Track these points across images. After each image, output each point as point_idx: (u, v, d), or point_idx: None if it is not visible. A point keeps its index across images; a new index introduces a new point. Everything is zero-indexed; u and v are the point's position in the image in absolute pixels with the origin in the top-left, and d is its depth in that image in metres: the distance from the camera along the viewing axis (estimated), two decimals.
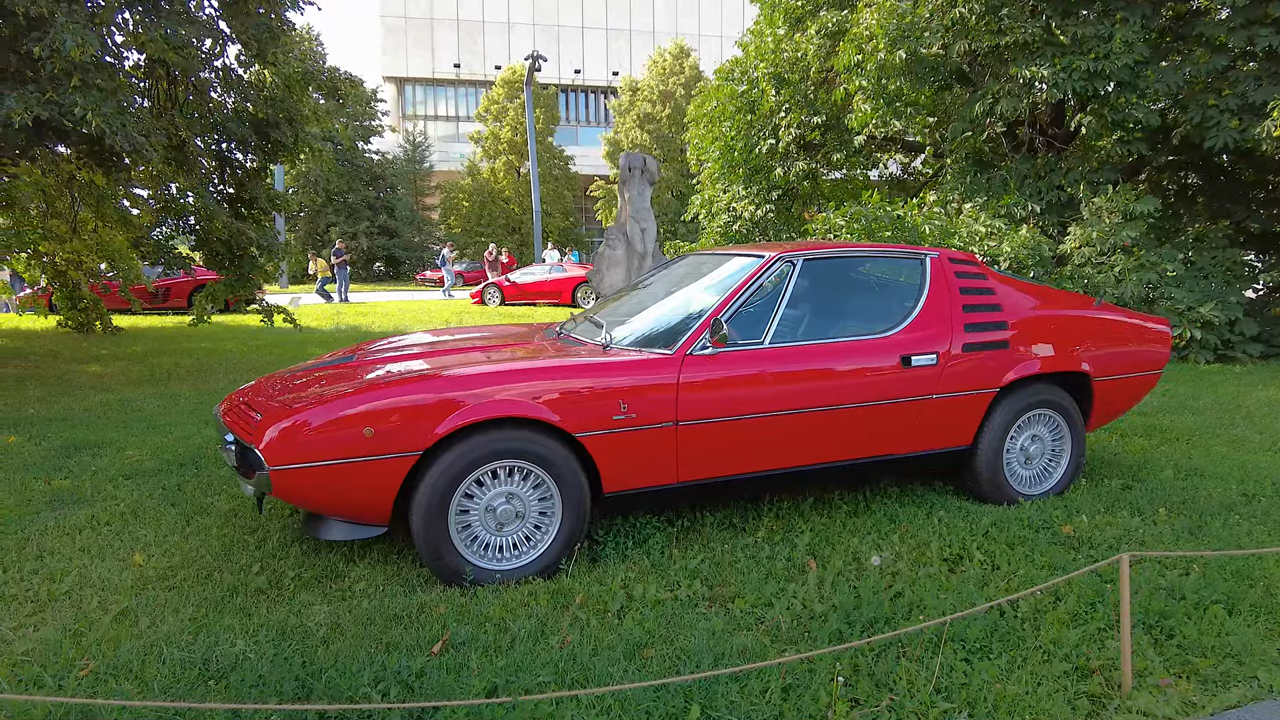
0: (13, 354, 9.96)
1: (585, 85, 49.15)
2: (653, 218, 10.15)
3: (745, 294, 3.39)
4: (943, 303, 3.63)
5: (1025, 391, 3.75)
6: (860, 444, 3.47)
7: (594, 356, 3.21)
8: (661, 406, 3.12)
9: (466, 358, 3.40)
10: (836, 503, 3.82)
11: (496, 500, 3.01)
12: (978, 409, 3.64)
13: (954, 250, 3.90)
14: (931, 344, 3.53)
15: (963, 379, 3.57)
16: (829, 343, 3.42)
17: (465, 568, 2.96)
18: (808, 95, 12.65)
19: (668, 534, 3.45)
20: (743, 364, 3.25)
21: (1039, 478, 3.91)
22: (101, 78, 5.16)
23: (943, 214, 9.84)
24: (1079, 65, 8.42)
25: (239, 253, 9.35)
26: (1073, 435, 3.89)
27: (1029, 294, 3.89)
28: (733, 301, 3.35)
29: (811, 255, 3.61)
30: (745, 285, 3.40)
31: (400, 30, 47.51)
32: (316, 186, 34.72)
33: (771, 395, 3.27)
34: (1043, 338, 3.75)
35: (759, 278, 3.45)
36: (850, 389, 3.38)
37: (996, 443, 3.72)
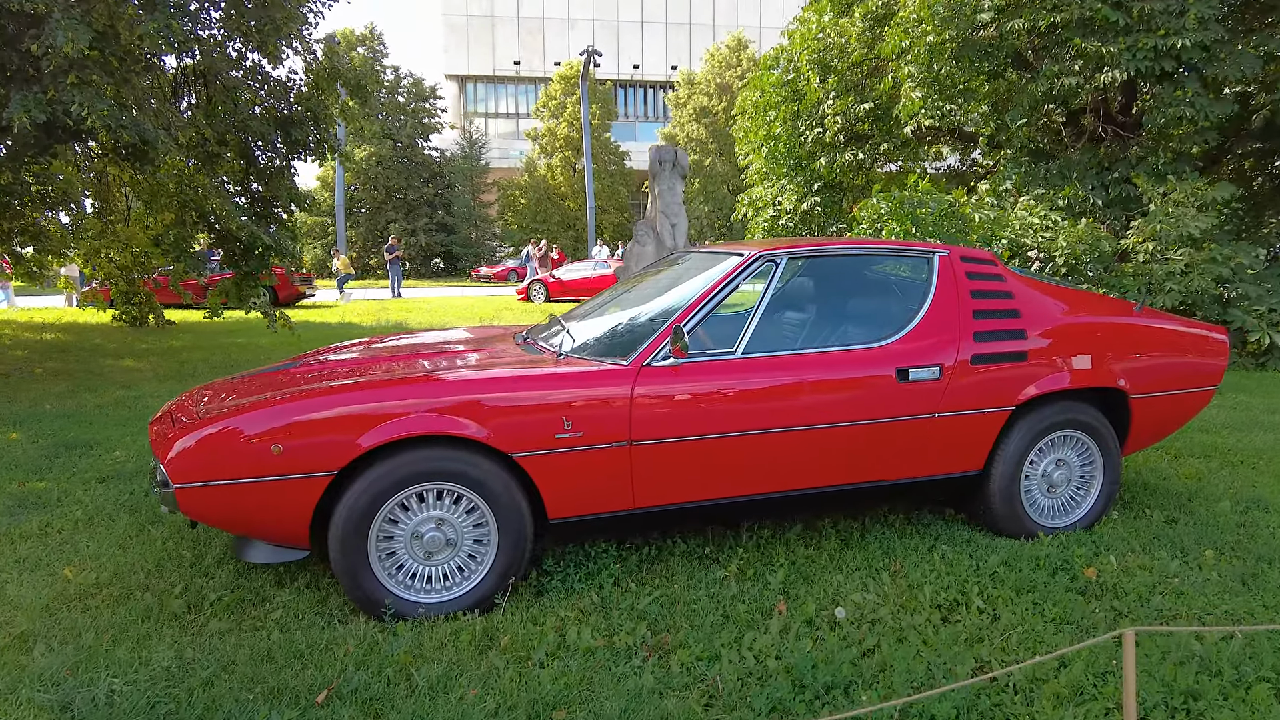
0: (58, 349, 10.22)
1: (644, 80, 48.84)
2: (684, 213, 9.77)
3: (716, 298, 3.01)
4: (950, 308, 3.18)
5: (1048, 410, 3.26)
6: (848, 468, 3.06)
7: (536, 367, 2.89)
8: (612, 424, 2.77)
9: (410, 366, 3.13)
10: (827, 531, 3.40)
11: (424, 526, 2.72)
12: (990, 429, 3.18)
13: (968, 248, 3.43)
14: (934, 355, 3.08)
15: (971, 395, 3.12)
16: (812, 353, 3.01)
17: (385, 599, 2.68)
18: (855, 83, 12.05)
19: (628, 565, 3.10)
20: (709, 377, 2.88)
21: (1064, 508, 3.41)
22: (98, 73, 5.10)
23: (995, 205, 9.17)
24: (1145, 44, 7.68)
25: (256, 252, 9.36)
26: (1105, 460, 3.39)
27: (1056, 298, 3.39)
28: (700, 306, 2.97)
29: (797, 253, 3.21)
30: (716, 288, 3.02)
31: (462, 28, 48.07)
32: (376, 184, 35.34)
33: (742, 412, 2.89)
34: (1070, 348, 3.26)
35: (734, 279, 3.06)
36: (834, 406, 2.97)
37: (1012, 468, 3.25)
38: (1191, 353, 3.50)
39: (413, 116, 36.42)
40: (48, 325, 12.89)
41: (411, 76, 36.74)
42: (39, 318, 14.10)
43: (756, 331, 3.01)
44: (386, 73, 36.32)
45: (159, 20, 5.11)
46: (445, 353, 3.34)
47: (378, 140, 35.08)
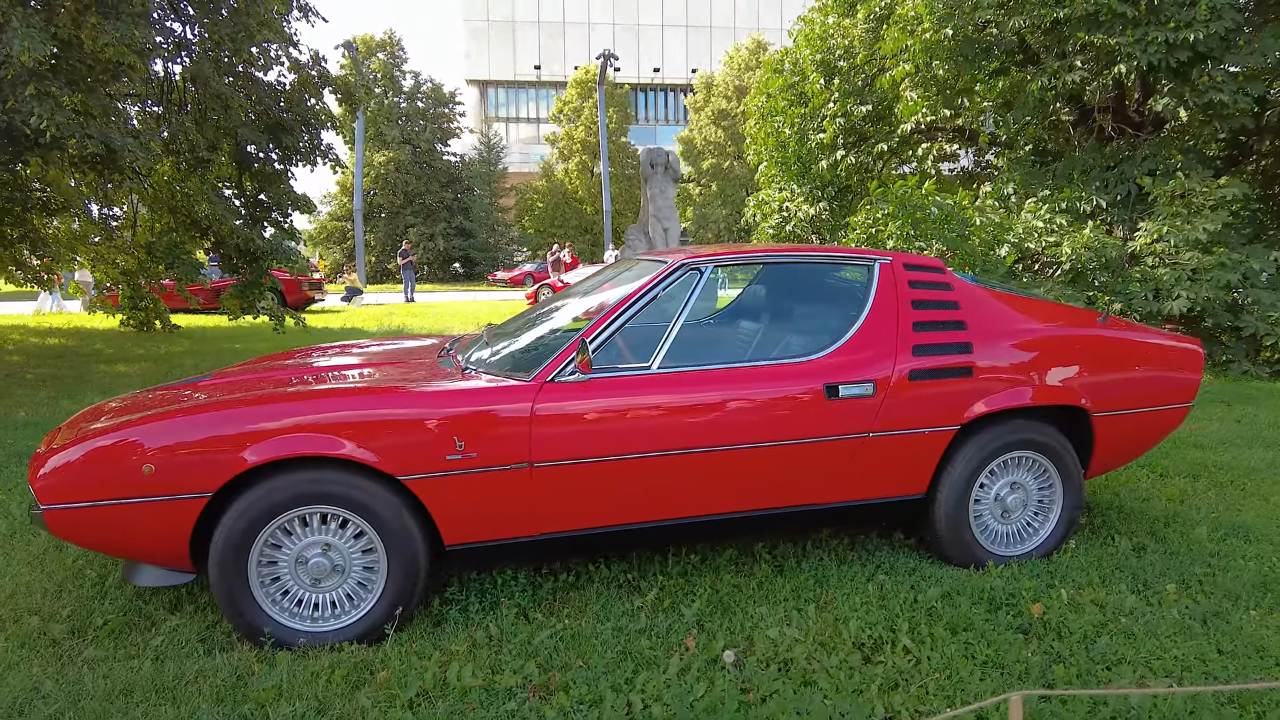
0: (57, 354, 10.28)
1: (664, 84, 48.75)
2: (676, 217, 9.57)
3: (632, 308, 2.81)
4: (888, 319, 2.95)
5: (999, 430, 3.02)
6: (774, 492, 2.85)
7: (428, 382, 2.72)
8: (509, 444, 2.59)
9: (305, 381, 2.98)
10: (761, 556, 3.19)
11: (310, 552, 2.56)
12: (932, 451, 2.95)
13: (914, 255, 3.20)
14: (867, 370, 2.86)
15: (910, 413, 2.89)
16: (734, 367, 2.80)
17: (266, 627, 2.53)
18: (856, 84, 11.76)
19: (539, 593, 2.92)
20: (620, 393, 2.69)
21: (1020, 535, 3.16)
22: (58, 83, 5.05)
23: (997, 207, 8.86)
24: (1155, 37, 7.34)
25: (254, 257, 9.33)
26: (1064, 484, 3.13)
27: (1010, 308, 3.15)
28: (614, 318, 2.78)
29: (725, 260, 3.00)
30: (633, 298, 2.83)
31: (483, 33, 48.33)
32: (395, 189, 35.58)
33: (655, 431, 2.69)
34: (1024, 363, 3.01)
35: (651, 289, 2.86)
36: (756, 425, 2.76)
37: (960, 491, 3.01)
38: (1161, 366, 3.23)
39: (432, 122, 36.63)
40: (56, 330, 13.04)
41: (431, 82, 36.97)
42: (50, 322, 14.28)
43: (675, 345, 2.81)
44: (406, 78, 36.58)
45: (120, 29, 5.04)
46: (356, 365, 3.18)
47: (396, 145, 35.33)
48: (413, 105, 36.55)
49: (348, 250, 35.49)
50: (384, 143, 35.39)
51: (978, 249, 7.85)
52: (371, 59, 35.73)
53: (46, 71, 5.10)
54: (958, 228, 7.95)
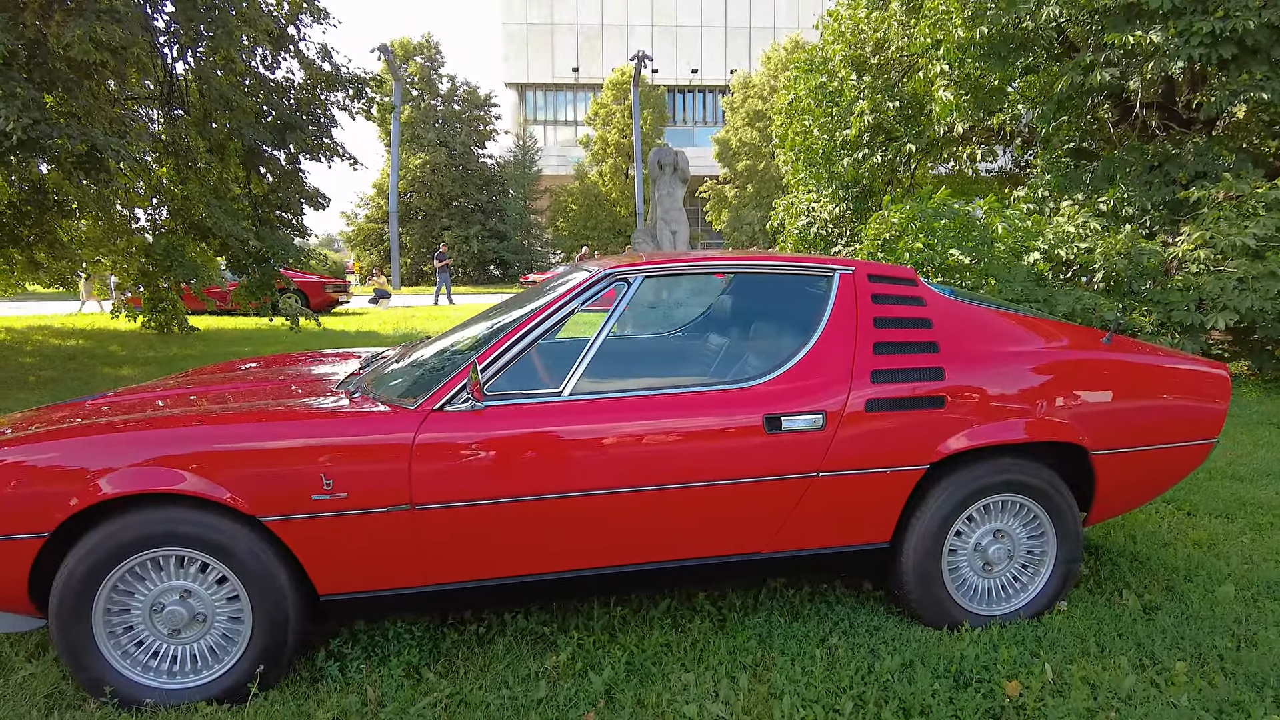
0: (70, 355, 10.30)
1: (702, 85, 48.30)
2: (685, 219, 9.18)
3: (542, 325, 2.45)
4: (843, 340, 2.53)
5: (978, 469, 2.58)
6: (704, 540, 2.45)
7: (300, 410, 2.39)
8: (385, 483, 2.24)
9: (190, 403, 2.67)
10: (703, 608, 2.79)
11: (167, 598, 2.26)
12: (895, 493, 2.52)
13: (882, 264, 2.77)
14: (815, 398, 2.44)
15: (867, 450, 2.47)
16: (660, 394, 2.42)
17: (109, 682, 2.23)
18: (888, 80, 11.23)
19: (440, 648, 2.57)
20: (522, 424, 2.32)
21: (1005, 590, 2.71)
22: (22, 83, 4.89)
23: (1030, 211, 8.27)
24: (1200, 28, 6.72)
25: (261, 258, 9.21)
26: (1058, 533, 2.67)
27: (997, 327, 2.70)
28: (518, 336, 2.42)
29: (658, 271, 2.61)
30: (544, 314, 2.46)
31: (521, 37, 48.46)
32: (431, 191, 35.77)
33: (563, 468, 2.32)
34: (1008, 391, 2.57)
35: (566, 303, 2.49)
36: (683, 462, 2.37)
37: (930, 541, 2.57)
38: (1178, 395, 2.75)
39: (468, 125, 36.75)
40: (79, 331, 13.16)
41: (467, 85, 37.10)
42: (74, 324, 14.45)
43: (594, 367, 2.44)
44: (442, 82, 36.76)
45: (83, 26, 4.88)
46: (249, 385, 2.87)
47: (433, 148, 35.51)
48: (449, 108, 36.73)
49: (384, 252, 35.79)
50: (420, 145, 35.61)
51: (1002, 257, 7.29)
52: (409, 62, 36.00)
53: (15, 72, 4.95)
54: (979, 235, 7.39)
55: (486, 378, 2.36)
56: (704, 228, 43.10)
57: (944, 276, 7.39)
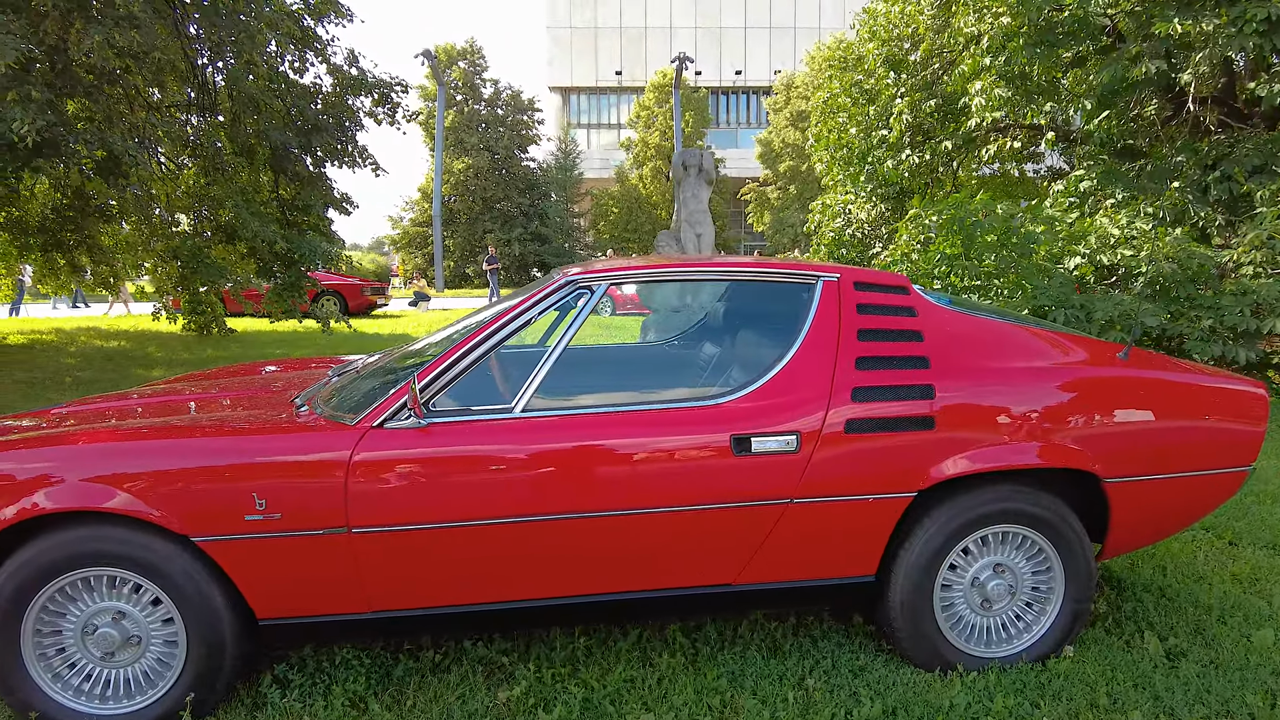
0: (108, 356, 10.54)
1: (746, 86, 47.90)
2: (710, 222, 8.96)
3: (495, 338, 2.29)
4: (823, 353, 2.32)
5: (974, 498, 2.34)
6: (667, 570, 2.27)
7: (239, 424, 2.27)
8: (320, 503, 2.11)
9: (137, 415, 2.59)
10: (676, 639, 2.60)
11: (100, 619, 2.16)
12: (879, 523, 2.30)
13: (872, 271, 2.54)
14: (789, 418, 2.24)
15: (846, 475, 2.25)
16: (620, 411, 2.24)
17: (35, 707, 2.14)
18: (925, 78, 10.86)
19: (392, 676, 2.43)
20: (470, 442, 2.17)
21: (1006, 630, 2.46)
22: (36, 87, 4.96)
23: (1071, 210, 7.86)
24: (1254, 15, 6.28)
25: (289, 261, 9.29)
26: (1066, 569, 2.42)
27: (998, 340, 2.46)
28: (467, 349, 2.26)
29: (624, 278, 2.44)
30: (497, 325, 2.31)
31: (565, 40, 48.69)
32: (474, 195, 36.13)
33: (513, 491, 2.16)
34: (1008, 411, 2.32)
35: (523, 312, 2.33)
36: (642, 486, 2.19)
37: (920, 575, 2.34)
38: (1207, 416, 2.47)
39: (511, 129, 37.02)
40: (122, 333, 13.51)
41: (510, 89, 37.39)
42: (118, 325, 14.85)
43: (550, 382, 2.27)
44: (486, 86, 37.10)
45: (101, 33, 4.92)
46: (208, 397, 2.78)
47: (476, 152, 35.86)
48: (492, 113, 37.06)
49: (428, 255, 36.25)
50: (464, 150, 35.99)
51: (1041, 263, 6.92)
52: (453, 68, 36.42)
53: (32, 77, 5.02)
54: (1020, 243, 7.03)
55: (433, 392, 2.22)
56: (746, 230, 42.72)
57: (980, 281, 7.06)
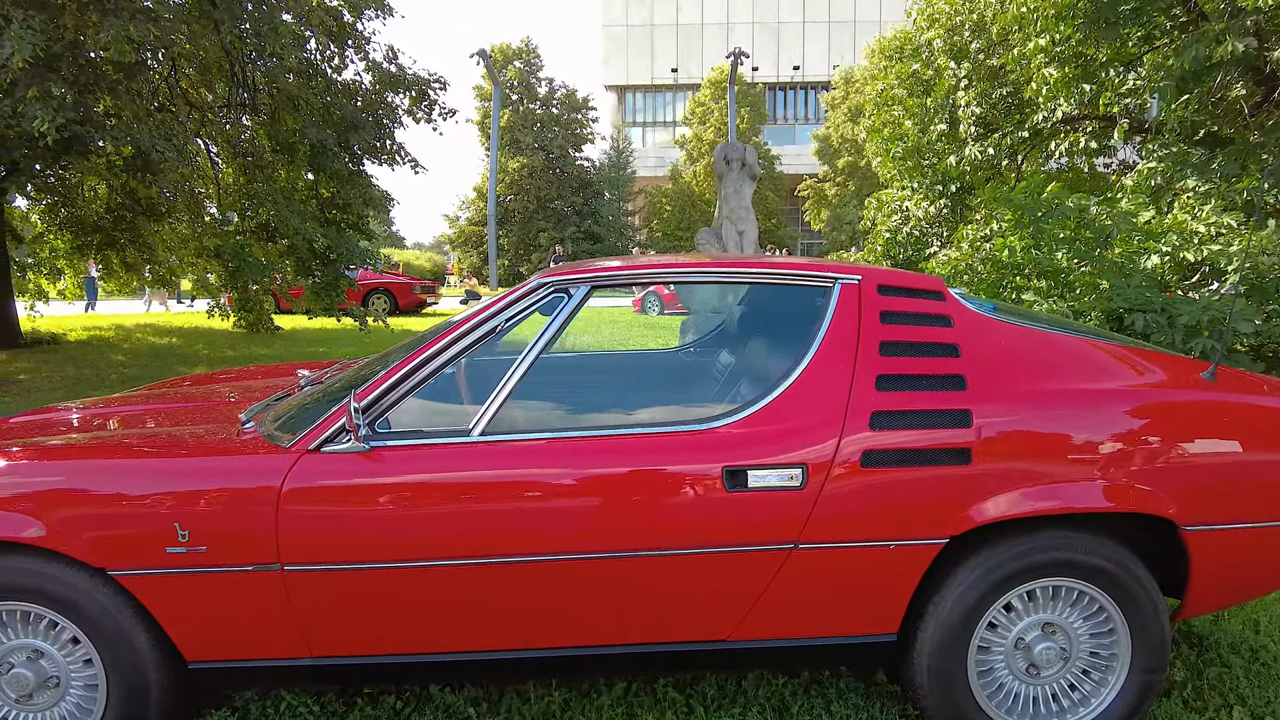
0: (155, 353, 10.71)
1: (804, 82, 47.01)
2: (753, 219, 8.55)
3: (455, 348, 2.00)
4: (838, 370, 1.96)
5: (1019, 545, 1.95)
6: (648, 622, 1.94)
7: (166, 444, 2.02)
8: (249, 536, 1.85)
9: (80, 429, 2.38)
10: (667, 695, 2.26)
11: (15, 658, 1.95)
12: (903, 573, 1.93)
13: (901, 273, 2.16)
14: (793, 447, 1.89)
15: (862, 516, 1.89)
16: (593, 438, 1.92)
17: None
18: (990, 67, 10.23)
19: None
20: (418, 470, 1.89)
21: (1059, 701, 2.06)
22: (56, 83, 4.91)
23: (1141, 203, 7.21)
24: None
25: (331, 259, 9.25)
26: (1133, 631, 2.00)
27: (1054, 357, 2.05)
28: (419, 363, 1.98)
29: (606, 279, 2.11)
30: (456, 335, 2.01)
31: (621, 39, 48.56)
32: (528, 194, 36.27)
33: (467, 528, 1.87)
34: (1062, 443, 1.93)
35: (491, 319, 2.04)
36: (618, 524, 1.87)
37: (953, 635, 1.97)
38: None
39: (565, 128, 37.05)
40: (175, 329, 13.79)
41: (565, 88, 37.42)
42: (173, 322, 15.19)
43: (517, 400, 1.97)
44: (541, 85, 37.20)
45: (115, 28, 4.85)
46: (166, 407, 2.56)
47: (530, 152, 35.99)
48: (547, 112, 37.14)
49: (484, 254, 36.55)
50: (518, 149, 36.17)
51: (1117, 260, 6.33)
52: (508, 67, 36.61)
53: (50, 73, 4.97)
54: (1094, 237, 6.44)
55: (380, 411, 1.94)
56: (803, 228, 41.91)
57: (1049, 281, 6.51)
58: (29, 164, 5.92)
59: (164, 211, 10.73)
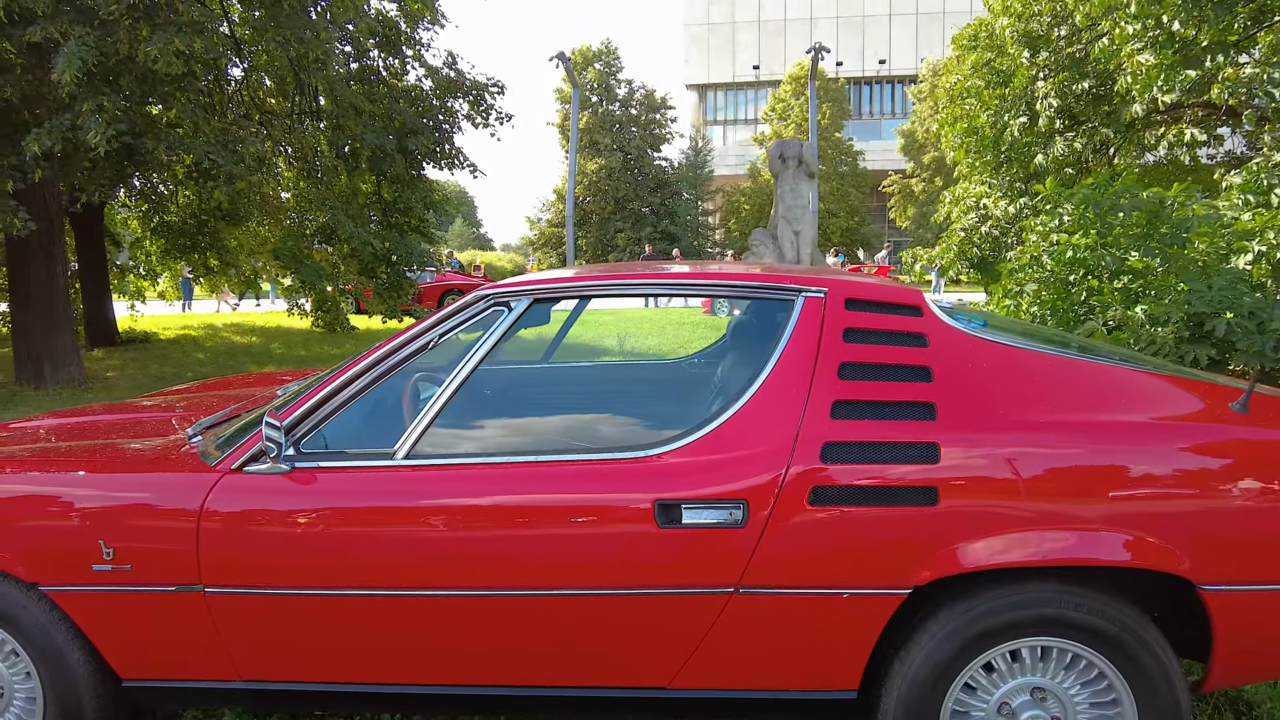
0: (231, 352, 11.21)
1: (890, 76, 45.65)
2: (811, 219, 8.23)
3: (380, 367, 1.90)
4: (791, 393, 1.76)
5: (999, 597, 1.70)
6: (578, 665, 1.79)
7: (101, 458, 2.00)
8: (171, 556, 1.81)
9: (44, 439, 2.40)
10: None
11: None
12: (860, 625, 1.72)
13: (877, 285, 1.93)
14: (734, 477, 1.70)
15: (813, 559, 1.69)
16: (520, 463, 1.79)
17: None
18: (1072, 56, 9.56)
19: None
20: (337, 494, 1.80)
21: None
22: (109, 96, 5.14)
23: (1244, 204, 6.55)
24: None
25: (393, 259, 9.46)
26: (1139, 701, 1.72)
27: (1046, 383, 1.79)
28: (347, 379, 1.88)
29: (550, 292, 1.97)
30: (384, 352, 1.91)
31: (703, 38, 48.31)
32: (606, 195, 36.46)
33: (385, 557, 1.77)
34: (1050, 483, 1.67)
35: (422, 335, 1.93)
36: (542, 559, 1.73)
37: (923, 695, 1.74)
38: None
39: (644, 128, 37.08)
40: (258, 329, 14.43)
41: (644, 89, 37.45)
42: (257, 322, 15.91)
43: (443, 422, 1.86)
44: (620, 87, 37.34)
45: (160, 41, 5.03)
46: (137, 416, 2.57)
47: (609, 153, 36.17)
48: (626, 113, 37.26)
49: (563, 255, 36.99)
50: (597, 151, 36.41)
51: (1200, 258, 5.75)
52: (588, 69, 36.90)
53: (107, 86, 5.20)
54: (1173, 234, 5.88)
55: (308, 428, 1.86)
56: (888, 225, 40.68)
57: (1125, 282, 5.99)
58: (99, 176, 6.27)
59: (241, 216, 11.23)
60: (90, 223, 10.61)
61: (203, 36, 5.25)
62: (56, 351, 7.69)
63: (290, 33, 6.34)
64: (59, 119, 5.12)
